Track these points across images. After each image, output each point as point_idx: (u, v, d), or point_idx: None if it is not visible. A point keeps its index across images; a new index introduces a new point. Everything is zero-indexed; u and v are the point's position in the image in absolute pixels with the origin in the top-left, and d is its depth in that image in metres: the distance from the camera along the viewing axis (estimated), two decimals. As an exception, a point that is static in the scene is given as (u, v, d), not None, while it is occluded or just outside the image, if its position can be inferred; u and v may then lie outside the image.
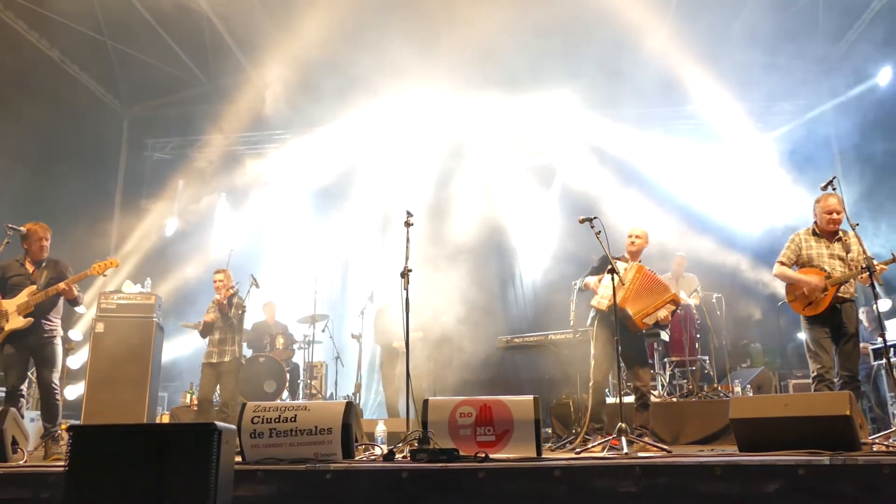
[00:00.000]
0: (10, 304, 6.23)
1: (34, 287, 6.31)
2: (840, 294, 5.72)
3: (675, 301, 6.20)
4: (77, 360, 10.14)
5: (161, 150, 13.46)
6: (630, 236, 6.54)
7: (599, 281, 6.26)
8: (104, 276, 6.88)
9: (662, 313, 6.09)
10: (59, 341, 6.53)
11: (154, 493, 2.88)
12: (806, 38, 10.57)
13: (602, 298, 6.13)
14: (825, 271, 5.78)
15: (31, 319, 6.21)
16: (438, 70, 10.92)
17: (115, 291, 9.46)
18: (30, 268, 6.46)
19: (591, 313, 6.35)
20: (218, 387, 8.06)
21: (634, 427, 5.80)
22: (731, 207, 11.77)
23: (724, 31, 10.86)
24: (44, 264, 6.50)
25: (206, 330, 8.22)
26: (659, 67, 11.12)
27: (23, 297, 6.25)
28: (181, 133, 13.33)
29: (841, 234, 5.92)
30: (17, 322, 6.18)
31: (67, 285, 6.30)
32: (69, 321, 10.76)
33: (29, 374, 6.87)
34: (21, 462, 4.99)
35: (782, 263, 6.03)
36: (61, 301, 6.57)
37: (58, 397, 6.38)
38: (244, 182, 13.33)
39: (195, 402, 8.68)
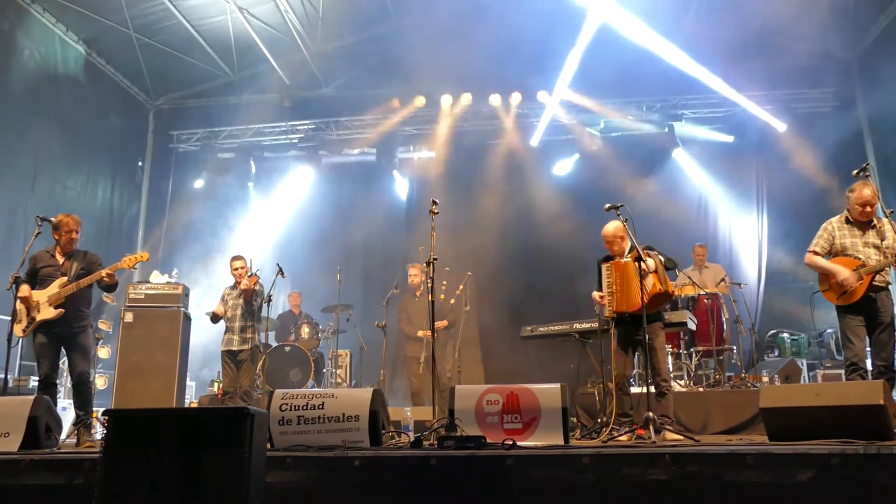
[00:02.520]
0: (42, 296, 6.31)
1: (65, 279, 6.39)
2: (875, 283, 5.61)
3: (637, 258, 5.88)
4: (106, 349, 10.26)
5: (187, 141, 13.55)
6: None
7: (600, 296, 6.31)
8: (134, 269, 6.99)
9: (644, 266, 5.78)
10: (90, 331, 6.66)
11: (189, 477, 2.91)
12: (837, 23, 10.40)
13: (606, 307, 6.18)
14: (860, 260, 5.67)
15: (61, 310, 6.29)
16: (462, 60, 10.90)
17: (143, 282, 9.56)
18: (60, 259, 6.53)
19: None
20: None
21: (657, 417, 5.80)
22: (759, 195, 11.65)
23: (751, 18, 10.73)
24: (73, 256, 6.57)
25: (216, 318, 8.26)
26: (684, 55, 11.04)
27: (54, 288, 6.33)
28: (207, 125, 13.40)
29: (875, 221, 5.77)
30: (48, 313, 6.27)
31: (110, 273, 6.38)
32: (98, 311, 10.92)
33: (61, 363, 6.98)
34: (55, 449, 5.06)
35: (815, 253, 5.91)
36: (92, 292, 6.67)
37: (90, 386, 6.51)
38: (269, 173, 13.42)
39: (222, 391, 8.76)
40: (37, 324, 6.28)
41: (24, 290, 6.29)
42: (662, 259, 6.02)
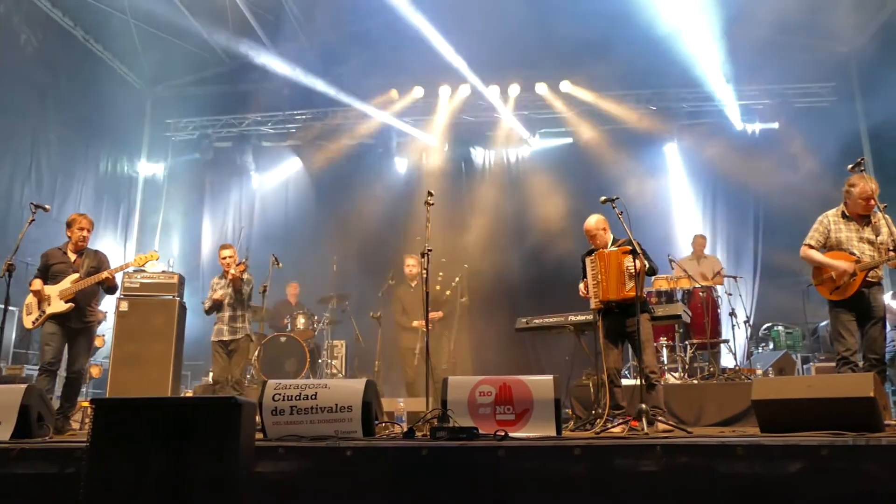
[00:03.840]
0: (53, 290, 6.53)
1: (76, 275, 6.58)
2: (868, 278, 5.61)
3: (624, 252, 5.95)
4: (102, 338, 10.25)
5: (184, 129, 13.52)
6: None
7: (585, 286, 6.32)
8: (144, 269, 7.11)
9: (626, 265, 5.86)
10: (95, 328, 6.94)
11: (176, 467, 2.90)
12: (836, 18, 10.37)
13: (592, 299, 6.19)
14: (854, 255, 5.67)
15: (71, 305, 6.49)
16: (462, 50, 10.89)
17: (139, 271, 9.52)
18: (71, 256, 6.73)
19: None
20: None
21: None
22: (755, 188, 11.66)
23: (750, 12, 10.72)
24: (84, 253, 6.77)
25: (213, 308, 8.21)
26: (679, 47, 11.02)
27: (65, 283, 6.54)
28: (204, 113, 13.37)
29: (871, 216, 5.76)
30: (58, 306, 6.47)
31: (111, 274, 6.61)
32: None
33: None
34: (47, 438, 5.06)
35: (810, 246, 5.90)
36: (101, 289, 6.85)
37: (82, 381, 6.82)
38: (266, 161, 13.40)
39: (214, 381, 8.72)
40: (47, 317, 6.49)
41: (37, 284, 6.52)
42: (646, 265, 6.00)
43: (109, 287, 6.77)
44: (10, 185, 10.03)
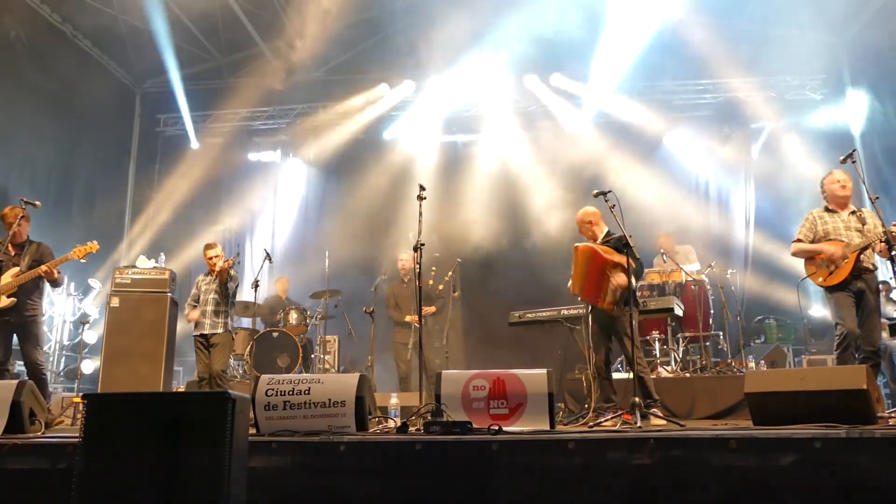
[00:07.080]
0: None
1: (17, 269, 6.48)
2: (861, 263, 5.68)
3: (617, 264, 5.83)
4: (93, 334, 10.22)
5: (174, 125, 13.43)
6: None
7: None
8: (83, 260, 6.99)
9: (614, 282, 5.81)
10: (41, 321, 6.79)
11: (169, 462, 2.89)
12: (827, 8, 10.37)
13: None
14: (843, 242, 5.77)
15: (13, 300, 6.40)
16: (451, 44, 10.87)
17: (130, 266, 9.50)
18: (12, 251, 6.61)
19: None
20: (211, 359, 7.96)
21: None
22: (748, 181, 11.68)
23: (742, 3, 10.74)
24: (26, 247, 6.65)
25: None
26: (675, 40, 11.02)
27: (6, 278, 6.43)
28: (194, 109, 13.28)
29: (854, 209, 5.90)
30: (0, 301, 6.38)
31: (49, 269, 6.47)
32: (86, 295, 10.87)
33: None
34: (39, 433, 5.04)
35: (799, 241, 6.03)
36: (44, 283, 6.76)
37: (44, 373, 6.63)
38: (257, 157, 13.34)
39: (197, 376, 8.62)
40: None
41: None
42: (633, 283, 5.95)
43: (52, 281, 6.65)
44: (5, 181, 9.97)
